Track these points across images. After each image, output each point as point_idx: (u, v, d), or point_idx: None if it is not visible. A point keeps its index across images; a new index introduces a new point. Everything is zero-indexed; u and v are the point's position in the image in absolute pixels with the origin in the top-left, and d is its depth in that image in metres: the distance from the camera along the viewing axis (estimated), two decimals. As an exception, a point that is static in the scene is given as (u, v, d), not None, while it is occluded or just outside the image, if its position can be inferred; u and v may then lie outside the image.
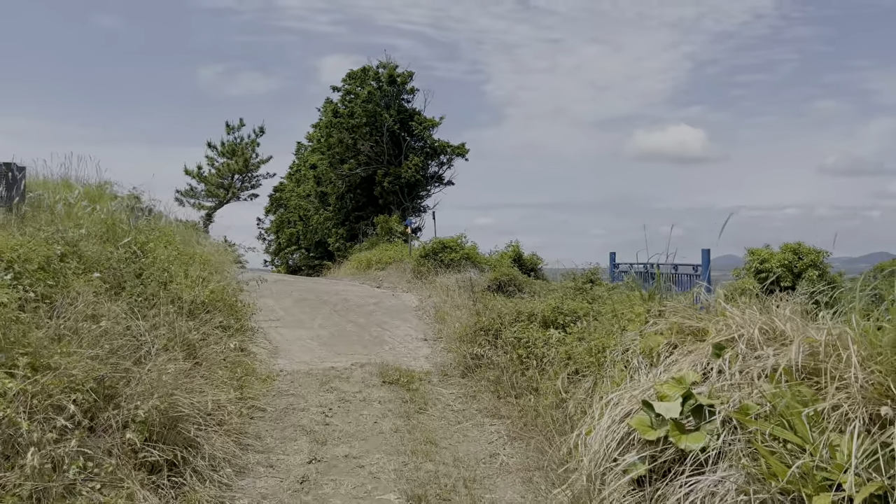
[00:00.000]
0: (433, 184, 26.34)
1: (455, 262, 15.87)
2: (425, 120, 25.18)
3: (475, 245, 16.75)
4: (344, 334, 9.32)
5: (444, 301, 12.01)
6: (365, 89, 24.75)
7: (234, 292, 9.43)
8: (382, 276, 17.49)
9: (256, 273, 15.76)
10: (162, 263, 7.24)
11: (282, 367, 7.50)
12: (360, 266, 19.85)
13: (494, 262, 16.32)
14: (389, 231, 23.96)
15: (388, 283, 16.14)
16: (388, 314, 10.97)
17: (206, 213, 35.61)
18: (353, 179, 26.11)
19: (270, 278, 14.01)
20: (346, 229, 27.19)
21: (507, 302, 13.69)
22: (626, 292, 6.87)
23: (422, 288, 15.11)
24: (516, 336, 6.46)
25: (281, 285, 12.69)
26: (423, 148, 25.44)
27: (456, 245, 16.21)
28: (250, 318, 8.93)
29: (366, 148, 24.87)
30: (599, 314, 6.51)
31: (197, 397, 4.73)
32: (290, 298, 11.25)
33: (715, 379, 4.04)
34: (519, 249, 17.73)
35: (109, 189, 21.50)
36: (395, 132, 24.96)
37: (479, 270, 16.08)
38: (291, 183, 37.24)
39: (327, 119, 24.91)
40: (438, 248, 16.09)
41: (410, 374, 7.36)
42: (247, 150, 34.58)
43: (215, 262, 10.72)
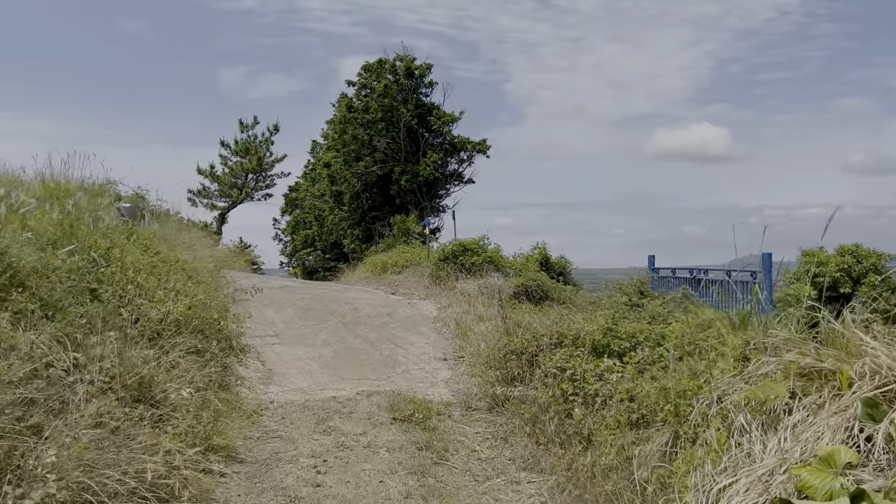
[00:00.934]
0: (452, 182, 25.05)
1: (477, 266, 14.56)
2: (444, 115, 23.89)
3: (498, 247, 15.44)
4: (351, 353, 8.06)
5: (465, 311, 10.70)
6: (381, 83, 23.52)
7: (225, 305, 8.22)
8: (398, 280, 16.24)
9: (265, 278, 14.62)
10: (128, 273, 6.03)
11: (273, 398, 6.26)
12: (376, 270, 18.62)
13: (520, 265, 14.99)
14: (406, 232, 22.72)
15: (404, 288, 14.87)
16: (403, 327, 9.70)
17: (220, 214, 34.73)
18: (368, 178, 24.92)
19: (276, 284, 12.85)
20: (362, 230, 26.02)
21: (539, 315, 12.35)
22: (691, 308, 5.51)
23: (440, 295, 13.82)
24: (559, 366, 5.15)
25: (285, 293, 11.50)
26: (443, 144, 24.16)
27: (478, 247, 14.90)
28: (241, 335, 7.71)
29: (382, 144, 23.65)
30: (663, 339, 5.16)
31: (136, 463, 3.49)
32: (294, 308, 10.03)
33: (882, 457, 2.72)
34: (546, 252, 16.38)
35: (113, 188, 20.42)
36: (412, 128, 23.72)
37: (504, 275, 14.76)
38: (306, 182, 36.21)
39: (341, 114, 23.74)
40: (459, 250, 14.79)
41: (427, 407, 6.07)
42: (260, 149, 33.61)
43: (208, 269, 9.54)
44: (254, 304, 10.01)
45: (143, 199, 20.17)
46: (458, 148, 24.14)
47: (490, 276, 14.61)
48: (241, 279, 12.69)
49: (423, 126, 24.07)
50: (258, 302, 10.18)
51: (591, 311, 7.84)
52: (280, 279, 13.92)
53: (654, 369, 4.76)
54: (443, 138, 24.44)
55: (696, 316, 5.09)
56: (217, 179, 33.94)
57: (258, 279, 13.29)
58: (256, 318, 9.20)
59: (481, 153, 24.41)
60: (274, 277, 13.98)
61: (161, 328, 5.62)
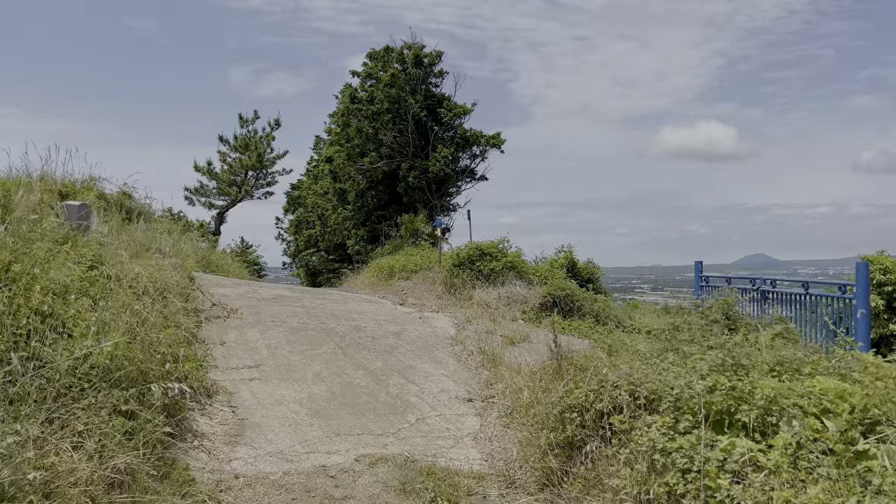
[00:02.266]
0: (464, 179, 23.26)
1: (496, 273, 12.80)
2: (455, 106, 22.10)
3: (520, 251, 13.65)
4: (350, 391, 6.31)
5: (489, 330, 8.94)
6: (388, 72, 21.75)
7: (189, 332, 6.49)
8: (407, 288, 14.48)
9: (257, 287, 12.92)
10: (32, 299, 4.31)
11: (240, 469, 4.52)
12: (382, 274, 16.87)
13: (544, 272, 13.22)
14: (415, 233, 20.97)
15: (413, 298, 13.12)
16: (416, 352, 7.94)
17: (218, 213, 33.12)
18: (374, 174, 23.18)
19: (267, 295, 11.13)
20: (367, 230, 24.30)
21: (578, 331, 10.52)
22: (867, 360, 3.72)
23: (456, 306, 12.06)
24: (661, 447, 3.38)
25: (276, 306, 9.76)
26: (454, 138, 22.37)
27: (497, 251, 13.13)
28: (209, 370, 5.99)
29: (388, 138, 21.89)
30: (822, 410, 3.38)
31: None
32: (283, 328, 8.29)
33: None
34: (572, 256, 14.61)
35: (96, 185, 18.62)
36: (421, 120, 21.95)
37: (527, 283, 13.00)
38: (309, 180, 34.54)
39: (344, 105, 21.97)
40: (475, 254, 13.03)
41: (453, 484, 4.33)
42: (261, 145, 31.93)
43: (176, 283, 7.83)
44: (234, 322, 8.29)
45: (129, 198, 18.52)
46: (470, 142, 22.34)
47: (511, 283, 12.86)
48: (228, 289, 10.98)
49: (433, 118, 22.30)
50: (240, 320, 8.45)
51: (660, 335, 6.06)
52: (274, 287, 12.22)
53: (824, 462, 2.99)
54: (454, 132, 22.67)
55: (876, 368, 3.31)
56: (215, 177, 32.29)
57: (247, 288, 11.58)
58: (234, 342, 7.47)
59: (495, 147, 22.62)
60: (267, 286, 12.29)
61: (73, 381, 3.89)
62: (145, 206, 18.50)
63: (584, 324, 11.69)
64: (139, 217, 18.06)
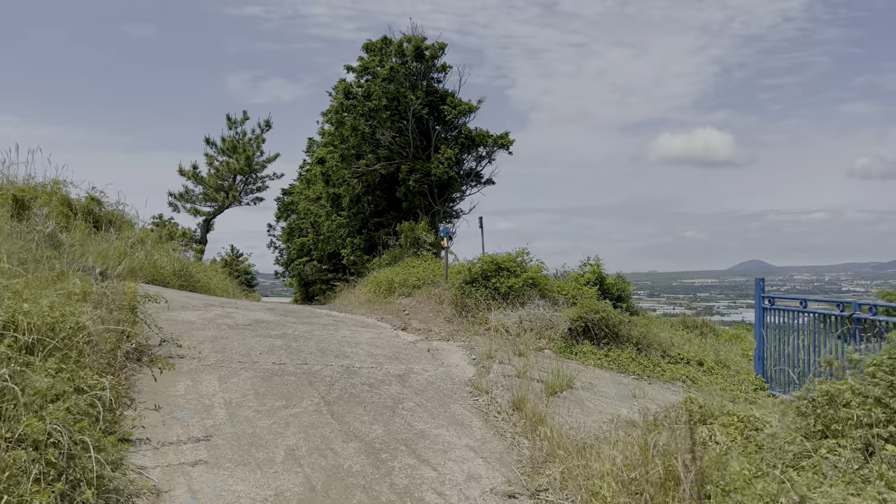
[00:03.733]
0: (469, 182, 21.32)
1: (515, 292, 10.84)
2: (460, 104, 20.18)
3: (541, 265, 11.68)
4: (337, 485, 4.33)
5: (520, 372, 6.98)
6: (386, 65, 19.83)
7: (93, 396, 4.51)
8: (409, 307, 12.51)
9: (232, 309, 10.96)
10: None
11: None
12: (380, 290, 14.90)
13: (571, 290, 11.27)
14: (416, 242, 19.02)
15: (417, 320, 11.15)
16: (427, 407, 5.97)
17: (204, 220, 31.11)
18: (370, 178, 21.22)
19: (243, 320, 9.16)
20: (363, 239, 22.32)
21: (630, 369, 8.43)
22: None
23: (469, 331, 10.10)
24: None
25: (248, 337, 7.76)
26: (458, 138, 20.44)
27: (515, 265, 11.17)
28: (128, 450, 4.01)
29: (386, 138, 19.95)
30: None
31: None
32: (253, 372, 6.32)
33: None
34: (600, 270, 12.65)
35: (62, 189, 16.53)
36: (422, 118, 20.02)
37: (551, 302, 11.04)
38: (301, 184, 32.55)
39: (338, 102, 20.02)
40: (491, 269, 11.06)
41: None
42: (249, 147, 29.97)
43: (109, 319, 5.86)
44: (188, 366, 6.30)
45: (98, 205, 16.51)
46: (476, 142, 20.41)
47: (533, 304, 10.90)
48: (196, 313, 9.02)
49: (436, 116, 20.38)
50: (198, 361, 6.47)
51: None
52: (253, 309, 10.22)
53: None
54: (457, 131, 20.75)
55: None
56: (201, 181, 30.31)
57: (220, 311, 9.61)
58: (182, 398, 5.48)
59: (503, 149, 20.69)
60: (246, 307, 10.31)
61: None
62: (118, 212, 16.56)
63: (623, 354, 9.74)
64: (109, 225, 16.07)
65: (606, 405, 6.22)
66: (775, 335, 9.42)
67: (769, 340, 9.53)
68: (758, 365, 9.70)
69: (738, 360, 11.77)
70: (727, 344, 14.21)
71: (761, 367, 9.62)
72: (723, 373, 9.99)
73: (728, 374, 10.01)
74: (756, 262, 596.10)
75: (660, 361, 9.84)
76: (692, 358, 10.08)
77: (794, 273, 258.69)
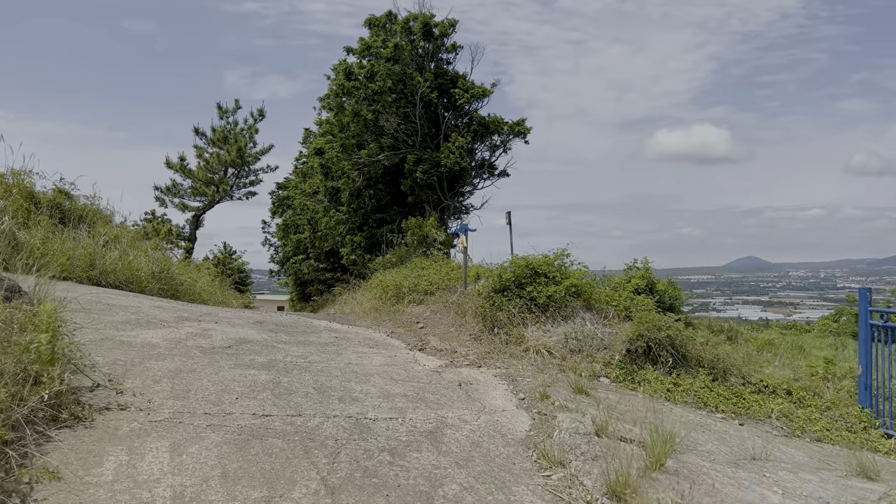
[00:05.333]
0: (482, 174, 19.36)
1: (556, 303, 8.90)
2: (472, 87, 18.21)
3: (584, 268, 9.72)
4: None
5: (599, 423, 5.03)
6: (390, 43, 17.84)
7: None
8: (424, 318, 10.58)
9: (210, 325, 9.05)
10: None
11: None
12: (386, 296, 12.96)
13: (623, 300, 9.33)
14: (424, 240, 17.07)
15: (436, 336, 9.21)
16: (479, 493, 4.02)
17: (194, 216, 29.06)
18: (372, 170, 19.26)
19: (220, 340, 7.22)
20: (364, 237, 20.37)
21: None
22: None
23: (503, 353, 8.16)
24: None
25: (224, 370, 5.80)
26: (470, 125, 18.48)
27: (554, 270, 9.22)
28: None
29: (391, 125, 17.97)
30: None
31: None
32: (222, 434, 4.38)
33: None
34: (650, 274, 10.71)
35: (24, 180, 14.54)
36: (431, 102, 18.05)
37: (599, 315, 9.11)
38: (297, 178, 30.56)
39: (338, 84, 17.99)
40: (526, 275, 9.11)
41: None
42: (241, 137, 27.93)
43: None
44: (129, 424, 4.34)
45: (67, 198, 14.55)
46: (490, 130, 18.45)
47: (578, 317, 8.96)
48: (160, 332, 7.08)
49: (445, 101, 18.42)
50: (144, 415, 4.51)
51: None
52: (236, 323, 8.24)
53: None
54: (469, 118, 18.79)
55: None
56: (190, 174, 28.23)
57: (194, 328, 7.67)
58: (110, 484, 3.53)
59: (520, 136, 18.72)
60: (228, 319, 8.29)
61: None
62: (92, 207, 14.59)
63: (696, 382, 7.82)
64: (80, 222, 14.09)
65: (737, 484, 4.28)
66: (890, 358, 7.50)
67: (880, 365, 7.62)
68: (863, 396, 7.78)
69: (814, 381, 9.84)
70: (772, 355, 12.25)
71: (868, 398, 7.72)
72: (816, 404, 8.07)
73: (821, 406, 8.09)
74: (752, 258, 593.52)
75: (741, 391, 7.91)
76: (777, 385, 8.15)
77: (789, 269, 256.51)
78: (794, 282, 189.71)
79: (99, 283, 11.87)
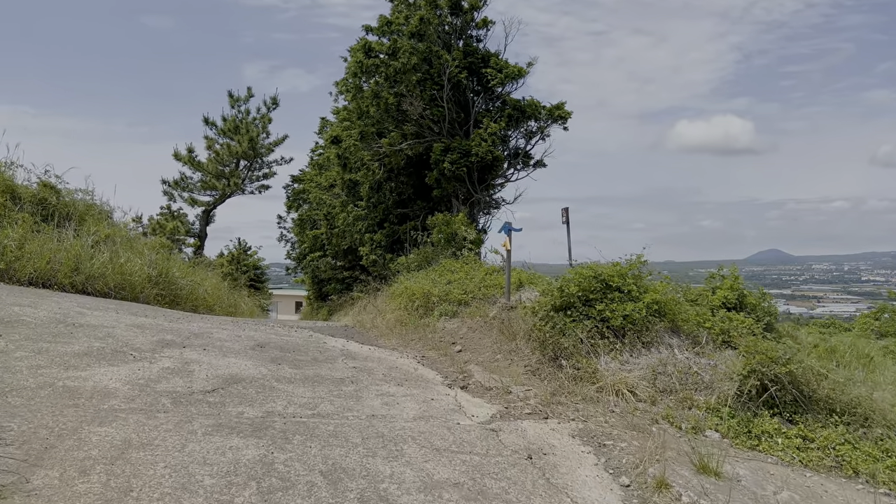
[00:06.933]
0: (516, 164, 17.36)
1: (633, 324, 6.91)
2: (506, 66, 16.20)
3: (668, 280, 7.71)
4: None
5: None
6: (414, 17, 15.88)
7: None
8: (459, 337, 8.66)
9: (196, 354, 7.24)
10: None
11: None
12: (412, 306, 11.08)
13: (716, 321, 7.30)
14: (453, 239, 15.15)
15: (479, 364, 7.29)
16: None
17: (204, 211, 27.41)
18: (394, 160, 17.36)
19: (203, 376, 5.40)
20: (385, 234, 18.49)
21: None
22: None
23: (574, 394, 6.22)
24: None
25: (195, 432, 3.98)
26: (503, 110, 16.48)
27: (629, 282, 7.24)
28: None
29: (416, 110, 16.04)
30: None
31: None
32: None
33: None
34: (740, 285, 8.65)
35: (4, 172, 12.77)
36: (460, 85, 16.08)
37: (688, 340, 7.11)
38: (313, 170, 28.76)
39: (356, 62, 16.05)
40: (595, 288, 7.13)
41: None
42: (254, 127, 26.18)
43: None
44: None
45: (53, 191, 12.86)
46: (526, 114, 16.43)
47: (662, 342, 6.98)
48: (126, 368, 5.30)
49: (476, 83, 16.44)
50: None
51: None
52: (227, 355, 6.20)
53: None
54: (501, 101, 16.79)
55: None
56: (199, 167, 26.57)
57: (175, 361, 5.86)
58: None
59: (558, 122, 16.68)
60: (212, 354, 6.18)
61: None
62: (81, 203, 12.91)
63: (831, 434, 5.81)
64: (68, 219, 12.39)
65: None
66: None
67: None
68: None
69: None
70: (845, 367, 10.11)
71: None
72: None
73: None
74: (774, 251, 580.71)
75: (893, 445, 5.89)
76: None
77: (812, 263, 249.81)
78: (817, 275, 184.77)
79: (85, 291, 10.15)
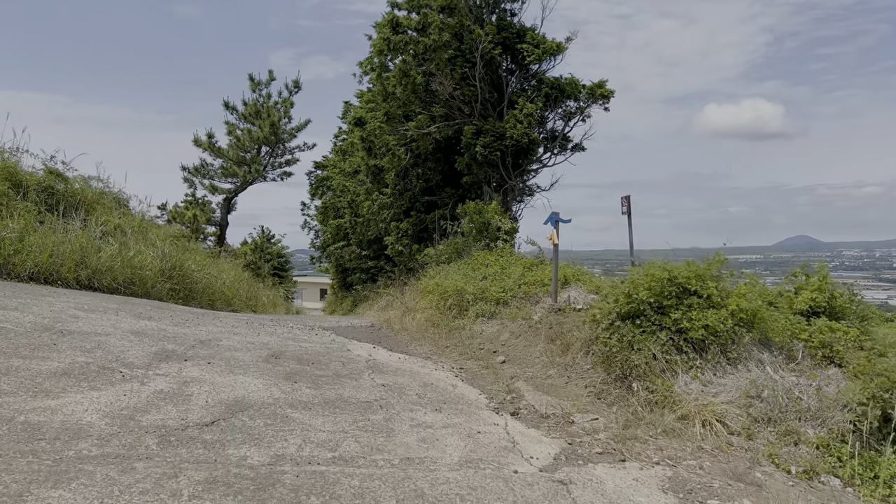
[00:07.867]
0: (553, 148, 16.12)
1: (715, 335, 5.75)
2: (543, 41, 14.93)
3: (755, 281, 6.52)
4: None
5: None
6: (444, -11, 14.67)
7: None
8: (501, 345, 7.59)
9: (196, 371, 6.26)
10: None
11: None
12: (443, 305, 10.03)
13: (817, 333, 6.09)
14: (485, 228, 14.03)
15: (529, 382, 6.20)
16: None
17: (225, 198, 26.65)
18: (422, 145, 16.26)
19: (203, 402, 4.39)
20: (411, 223, 17.44)
21: None
22: None
23: (649, 423, 5.10)
24: None
25: (180, 494, 2.99)
26: (539, 88, 15.24)
27: (710, 286, 6.05)
28: None
29: (446, 90, 14.89)
30: None
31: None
32: None
33: None
34: (828, 286, 7.40)
35: (7, 158, 11.87)
36: (493, 62, 14.87)
37: (778, 353, 5.93)
38: (337, 156, 27.79)
39: (382, 39, 14.93)
40: (667, 292, 5.98)
41: None
42: (275, 112, 25.25)
43: None
44: None
45: (61, 180, 12.07)
46: (565, 94, 15.15)
47: (751, 358, 5.80)
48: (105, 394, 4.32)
49: (510, 60, 15.21)
50: None
51: None
52: (235, 370, 5.09)
53: None
54: (537, 80, 15.54)
55: None
56: (220, 153, 25.78)
57: (170, 377, 4.86)
58: None
59: (600, 102, 15.38)
60: (218, 368, 5.09)
61: None
62: (92, 191, 12.11)
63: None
64: (76, 209, 11.60)
65: None
66: None
67: None
68: None
69: None
70: None
71: None
72: None
73: None
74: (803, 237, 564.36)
75: None
76: None
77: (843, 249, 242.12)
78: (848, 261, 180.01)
79: (91, 286, 9.30)
